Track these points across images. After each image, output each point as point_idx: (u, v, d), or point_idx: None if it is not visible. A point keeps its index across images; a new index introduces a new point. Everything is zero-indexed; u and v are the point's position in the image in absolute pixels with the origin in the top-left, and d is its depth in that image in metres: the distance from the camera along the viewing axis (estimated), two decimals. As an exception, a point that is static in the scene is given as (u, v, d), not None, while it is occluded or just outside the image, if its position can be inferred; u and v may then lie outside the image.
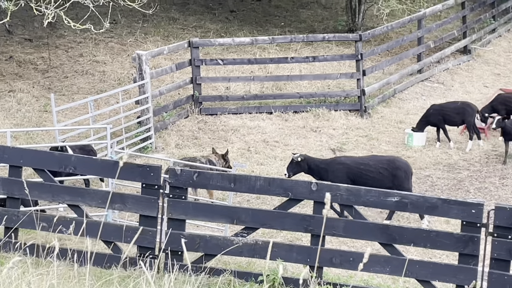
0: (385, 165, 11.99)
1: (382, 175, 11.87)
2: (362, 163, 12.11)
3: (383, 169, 11.93)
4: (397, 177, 11.88)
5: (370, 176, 11.78)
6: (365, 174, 11.81)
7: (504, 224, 7.51)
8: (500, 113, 16.11)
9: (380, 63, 19.05)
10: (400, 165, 12.06)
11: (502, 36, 24.58)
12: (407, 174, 12.01)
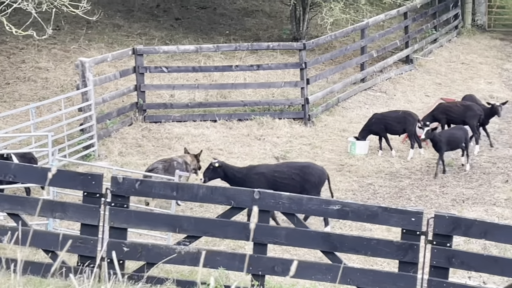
0: (297, 170, 12.14)
1: (294, 180, 12.01)
2: (277, 170, 12.26)
3: (296, 174, 12.08)
4: (309, 182, 12.01)
5: (284, 182, 11.87)
6: (279, 181, 11.90)
7: (443, 232, 7.61)
8: (441, 122, 16.37)
9: (324, 72, 19.20)
10: (313, 171, 12.19)
11: (443, 46, 24.96)
12: (320, 180, 12.15)
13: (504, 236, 7.70)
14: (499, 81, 21.80)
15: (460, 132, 15.12)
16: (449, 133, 15.03)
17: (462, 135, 14.97)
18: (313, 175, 12.13)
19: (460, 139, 14.88)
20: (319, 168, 12.43)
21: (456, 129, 15.38)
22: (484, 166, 15.27)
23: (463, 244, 11.45)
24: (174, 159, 13.26)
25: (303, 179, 12.06)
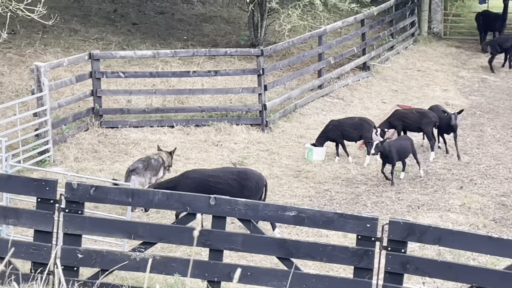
0: (235, 176, 12.06)
1: (231, 186, 11.88)
2: (212, 175, 12.13)
3: (233, 180, 11.98)
4: (247, 188, 11.93)
5: (219, 187, 11.65)
6: (214, 186, 11.69)
7: (397, 238, 7.67)
8: (397, 129, 16.51)
9: (282, 78, 19.24)
10: (251, 176, 12.12)
11: (400, 54, 25.19)
12: (258, 186, 12.07)
13: (458, 242, 7.78)
14: (455, 89, 22.04)
15: (407, 141, 15.14)
16: (398, 144, 14.96)
17: (409, 145, 15.01)
18: (250, 181, 12.03)
19: (408, 149, 14.91)
20: (257, 174, 12.35)
21: (402, 139, 15.38)
22: (439, 172, 15.42)
23: (417, 250, 11.55)
24: (151, 157, 13.48)
25: (240, 184, 11.96)
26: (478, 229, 12.65)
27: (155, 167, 13.20)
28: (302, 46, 23.52)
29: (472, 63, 24.86)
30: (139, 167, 13.04)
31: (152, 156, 13.50)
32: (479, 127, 18.55)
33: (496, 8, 27.89)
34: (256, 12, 23.00)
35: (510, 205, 13.80)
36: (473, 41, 27.93)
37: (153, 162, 13.25)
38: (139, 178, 12.91)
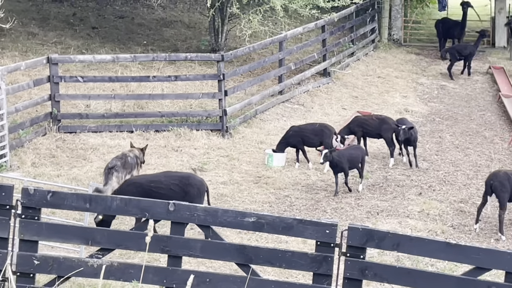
0: (177, 181, 11.97)
1: (173, 191, 11.78)
2: (154, 180, 12.02)
3: (175, 185, 11.90)
4: (189, 193, 11.85)
5: (161, 193, 11.55)
6: (156, 191, 11.59)
7: (356, 244, 7.66)
8: (357, 135, 16.58)
9: (242, 84, 19.22)
10: (193, 182, 12.06)
11: (360, 60, 25.33)
12: (199, 191, 12.02)
13: (417, 248, 7.79)
14: (414, 95, 22.21)
15: (358, 151, 15.03)
16: (348, 153, 14.81)
17: (360, 154, 14.91)
18: (192, 186, 11.96)
19: (358, 159, 14.79)
20: (199, 179, 12.28)
21: (353, 149, 15.23)
22: (398, 179, 15.50)
23: (377, 256, 11.58)
24: (127, 154, 13.58)
25: (182, 190, 11.87)
26: (437, 235, 12.73)
27: (131, 164, 13.44)
28: (262, 52, 23.54)
29: (432, 70, 25.08)
30: (118, 164, 13.19)
31: (127, 154, 13.62)
32: (438, 133, 18.71)
33: (456, 16, 28.19)
34: (217, 17, 22.97)
35: (468, 211, 13.92)
36: (433, 48, 28.20)
37: (129, 160, 13.47)
38: (117, 174, 13.08)
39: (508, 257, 7.58)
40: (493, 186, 12.98)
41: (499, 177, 13.04)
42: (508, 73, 23.95)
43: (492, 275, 9.52)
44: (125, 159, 13.41)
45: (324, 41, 23.01)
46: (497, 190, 12.96)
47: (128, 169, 13.37)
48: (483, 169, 16.11)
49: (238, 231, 12.01)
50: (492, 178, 13.10)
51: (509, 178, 13.00)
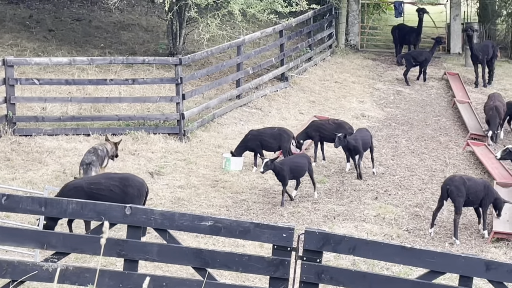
0: (117, 182, 11.94)
1: (113, 192, 11.76)
2: (94, 182, 11.97)
3: (115, 186, 11.87)
4: (129, 194, 11.84)
5: (101, 194, 11.51)
6: (96, 193, 11.53)
7: (313, 248, 7.71)
8: (314, 139, 16.66)
9: (200, 88, 19.19)
10: (133, 183, 12.04)
11: (317, 65, 25.45)
12: (140, 192, 12.00)
13: (372, 252, 7.86)
14: (371, 100, 22.38)
15: (304, 159, 14.76)
16: (291, 162, 14.64)
17: (305, 163, 14.62)
18: (132, 187, 11.93)
19: (304, 167, 14.54)
20: (139, 180, 12.25)
21: (298, 157, 14.99)
22: (355, 183, 15.60)
23: (333, 259, 11.64)
24: (97, 148, 14.25)
25: (122, 191, 11.84)
26: (392, 239, 12.84)
27: (101, 157, 14.18)
28: (220, 56, 23.54)
29: (388, 76, 25.29)
30: (94, 159, 13.89)
31: (98, 147, 14.25)
32: (394, 138, 18.87)
33: (412, 22, 28.48)
34: (175, 21, 22.92)
35: (423, 216, 14.07)
36: (389, 53, 28.45)
37: (100, 153, 14.13)
38: (95, 168, 13.81)
39: (462, 261, 7.69)
40: (450, 191, 13.14)
41: (455, 182, 13.20)
42: (462, 79, 24.25)
43: (446, 278, 9.64)
44: (97, 152, 14.06)
45: (282, 46, 23.09)
46: (453, 195, 13.13)
47: (99, 161, 14.06)
48: (438, 174, 16.29)
49: (195, 235, 11.99)
50: (448, 183, 13.26)
51: (465, 183, 13.18)
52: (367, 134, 16.20)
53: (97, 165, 13.91)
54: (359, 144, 15.59)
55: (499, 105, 18.50)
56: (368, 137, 16.09)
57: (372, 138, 16.42)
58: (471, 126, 19.35)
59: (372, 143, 16.20)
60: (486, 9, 29.10)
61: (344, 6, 28.41)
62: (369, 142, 16.03)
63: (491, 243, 13.03)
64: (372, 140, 16.25)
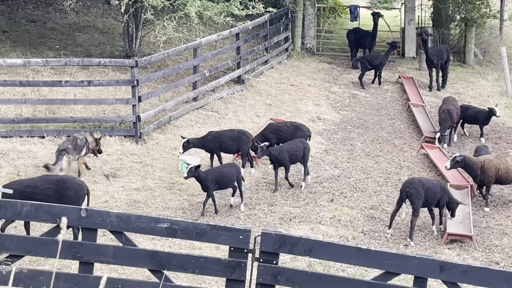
0: (53, 185, 11.87)
1: (48, 196, 11.66)
2: (29, 185, 11.86)
3: (50, 189, 11.79)
4: (66, 197, 11.75)
5: (36, 198, 11.28)
6: (31, 197, 11.30)
7: (269, 249, 7.74)
8: (271, 142, 16.68)
9: (156, 90, 19.12)
10: (70, 185, 11.97)
11: (274, 68, 25.52)
12: (78, 194, 11.93)
13: (328, 253, 7.91)
14: (327, 103, 22.51)
15: (232, 169, 14.34)
16: (217, 172, 14.22)
17: (233, 173, 14.23)
18: (69, 189, 11.86)
19: (231, 177, 14.15)
20: (77, 182, 12.18)
21: (227, 167, 14.56)
22: (310, 185, 15.68)
23: (289, 261, 11.69)
24: (77, 137, 15.02)
25: (58, 194, 11.76)
26: (348, 241, 12.93)
27: (79, 146, 14.89)
28: (177, 58, 23.49)
29: (344, 79, 25.46)
30: (69, 147, 14.61)
31: (78, 136, 15.04)
32: (350, 141, 19.00)
33: (367, 26, 28.70)
34: (131, 23, 22.81)
35: (378, 218, 14.19)
36: (345, 57, 28.65)
37: (79, 142, 14.91)
38: (68, 156, 14.51)
39: (416, 262, 7.77)
40: (409, 193, 13.29)
41: (414, 184, 13.37)
42: (417, 82, 24.51)
43: (401, 279, 9.74)
44: (76, 141, 14.82)
45: (238, 49, 23.11)
46: (413, 197, 13.30)
47: (77, 150, 14.82)
48: (392, 176, 16.45)
49: (151, 237, 11.95)
50: (408, 185, 13.41)
51: (424, 185, 13.36)
52: (299, 145, 15.51)
53: (71, 152, 14.58)
54: (283, 156, 15.09)
55: (452, 109, 18.73)
56: (300, 149, 15.43)
57: (308, 150, 15.65)
58: (425, 129, 19.58)
59: (305, 155, 15.52)
60: (440, 14, 29.44)
61: (300, 10, 28.55)
62: (299, 155, 15.42)
63: (444, 244, 13.19)
64: (306, 152, 15.54)
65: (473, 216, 14.23)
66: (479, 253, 12.95)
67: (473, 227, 13.71)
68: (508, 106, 22.86)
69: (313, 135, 18.31)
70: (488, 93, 24.30)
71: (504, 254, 12.96)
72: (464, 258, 12.67)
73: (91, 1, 28.67)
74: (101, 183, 14.89)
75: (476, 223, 14.11)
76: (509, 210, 14.97)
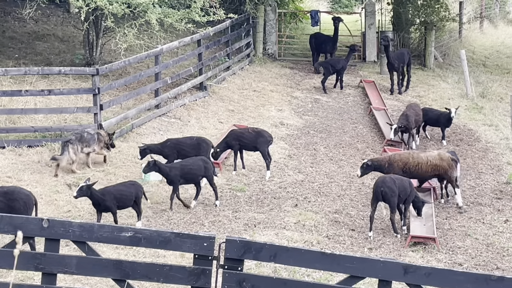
0: (1, 197, 11.76)
1: None
2: None
3: None
4: (14, 208, 11.61)
5: None
6: None
7: (234, 256, 7.71)
8: (233, 149, 16.67)
9: (118, 98, 19.02)
10: (18, 196, 11.86)
11: (236, 74, 25.52)
12: (26, 205, 11.80)
13: (293, 259, 7.90)
14: (289, 109, 22.56)
15: (131, 188, 13.38)
16: (116, 190, 13.32)
17: (132, 192, 13.32)
18: (17, 201, 11.74)
19: (129, 196, 13.27)
20: (25, 193, 12.05)
21: (125, 185, 13.50)
22: (275, 191, 15.69)
23: (254, 267, 11.67)
24: (84, 131, 16.27)
25: (6, 205, 11.63)
26: (312, 246, 12.95)
27: (86, 139, 16.03)
28: (138, 66, 23.39)
29: (306, 84, 25.54)
30: (72, 138, 15.88)
31: (85, 131, 16.24)
32: (313, 146, 19.06)
33: (328, 31, 28.84)
34: (91, 31, 22.67)
35: (342, 222, 14.23)
36: (306, 62, 28.76)
37: (86, 135, 16.08)
38: (73, 146, 15.74)
39: (381, 265, 7.80)
40: (384, 193, 13.42)
41: (387, 183, 13.50)
42: (378, 86, 24.68)
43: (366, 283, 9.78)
44: (82, 134, 16.04)
45: (200, 55, 23.08)
46: (388, 196, 13.45)
47: (85, 143, 16.00)
48: (356, 180, 16.51)
49: (115, 246, 11.85)
50: (381, 185, 13.52)
51: (395, 182, 13.52)
52: (199, 164, 14.53)
53: (75, 143, 15.77)
54: (173, 173, 14.25)
55: (410, 114, 18.89)
56: (200, 168, 14.46)
57: (209, 169, 14.59)
58: (387, 133, 19.70)
59: (208, 173, 14.54)
60: (400, 18, 29.69)
61: (261, 15, 28.61)
62: (198, 174, 14.47)
63: (408, 247, 13.27)
64: (208, 170, 14.55)
65: (436, 218, 14.34)
66: (442, 255, 13.05)
67: (436, 229, 13.82)
68: (468, 108, 23.10)
69: (276, 141, 18.36)
70: (448, 95, 24.54)
71: (467, 256, 13.07)
72: (427, 260, 12.76)
73: (50, 9, 28.43)
74: (63, 193, 14.75)
75: (439, 225, 14.22)
76: (471, 212, 15.11)
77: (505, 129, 20.95)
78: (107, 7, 19.78)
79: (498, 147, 19.49)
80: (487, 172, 17.55)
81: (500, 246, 13.49)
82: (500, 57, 32.91)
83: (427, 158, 15.08)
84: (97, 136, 16.24)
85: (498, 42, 36.45)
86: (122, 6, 19.91)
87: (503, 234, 14.05)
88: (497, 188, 16.46)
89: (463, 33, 34.02)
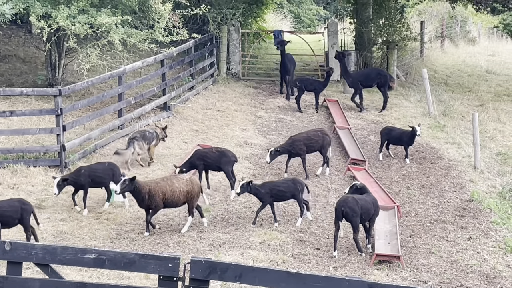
0: None
1: None
2: None
3: None
4: None
5: None
6: None
7: (199, 277, 7.66)
8: (198, 168, 16.63)
9: (81, 118, 18.90)
10: None
11: (200, 94, 25.53)
12: None
13: (259, 278, 7.87)
14: (253, 128, 22.58)
15: (16, 205, 13.01)
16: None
17: (18, 210, 12.94)
18: None
19: (13, 215, 12.91)
20: None
21: (8, 203, 13.14)
22: (240, 211, 15.66)
23: (220, 288, 11.61)
24: (145, 130, 18.61)
25: None
26: (278, 265, 12.92)
27: (148, 137, 18.11)
28: (101, 86, 23.29)
29: (270, 103, 25.60)
30: (137, 136, 17.98)
31: (148, 130, 18.46)
32: (277, 165, 19.06)
33: (291, 50, 28.90)
34: (53, 51, 22.54)
35: (307, 241, 14.23)
36: (270, 82, 28.84)
37: (147, 134, 18.16)
38: (138, 142, 17.83)
39: (346, 284, 7.79)
40: (345, 212, 13.44)
41: (349, 203, 13.52)
42: (342, 105, 24.82)
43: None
44: (144, 132, 18.19)
45: (163, 75, 23.05)
46: (349, 216, 13.46)
47: (147, 140, 18.05)
48: (321, 199, 16.55)
49: (79, 268, 11.73)
50: (342, 204, 13.53)
51: (358, 202, 13.54)
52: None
53: (141, 140, 17.83)
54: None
55: (299, 139, 18.43)
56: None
57: None
58: (351, 151, 19.79)
59: None
60: (362, 37, 29.95)
61: (224, 35, 28.69)
62: None
63: (373, 265, 13.30)
64: None
65: (400, 236, 14.40)
66: (407, 273, 13.10)
67: (401, 247, 13.87)
68: (431, 127, 23.30)
69: (240, 160, 18.35)
70: (411, 114, 24.75)
71: (431, 273, 13.13)
72: (392, 279, 12.80)
73: (12, 30, 28.23)
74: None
75: (403, 243, 14.28)
76: (435, 230, 15.20)
77: (467, 147, 21.16)
78: (69, 27, 19.69)
79: (460, 165, 19.66)
80: (450, 190, 17.69)
81: (464, 264, 13.58)
82: (461, 76, 33.32)
83: None
84: (155, 135, 18.28)
85: (459, 61, 36.92)
86: (84, 27, 19.84)
87: (466, 252, 14.14)
88: (460, 206, 16.59)
89: (424, 52, 34.40)
